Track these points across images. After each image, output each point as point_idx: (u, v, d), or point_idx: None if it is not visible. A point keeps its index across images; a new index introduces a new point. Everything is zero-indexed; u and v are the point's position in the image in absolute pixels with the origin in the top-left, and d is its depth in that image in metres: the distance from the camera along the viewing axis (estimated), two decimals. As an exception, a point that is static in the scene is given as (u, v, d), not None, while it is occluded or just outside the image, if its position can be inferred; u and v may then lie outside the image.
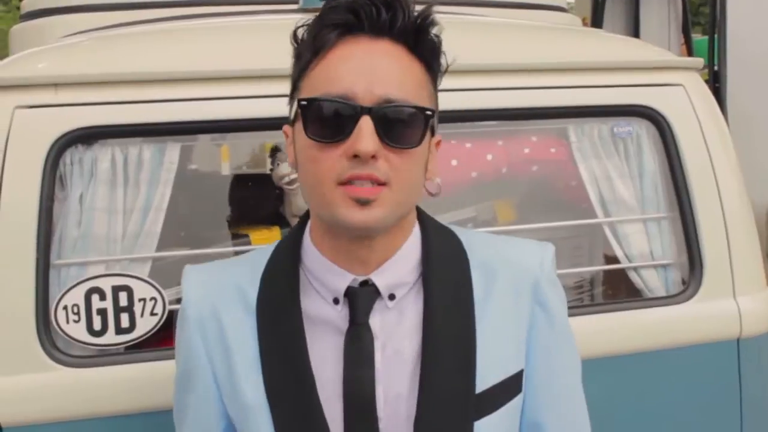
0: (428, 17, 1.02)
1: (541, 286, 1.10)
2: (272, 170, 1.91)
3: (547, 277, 1.11)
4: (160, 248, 1.52)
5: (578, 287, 1.94)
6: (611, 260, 1.84)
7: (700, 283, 1.73)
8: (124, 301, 1.46)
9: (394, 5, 0.99)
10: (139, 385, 1.44)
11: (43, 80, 1.45)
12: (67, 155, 1.46)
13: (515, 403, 1.08)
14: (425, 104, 1.01)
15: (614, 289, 1.93)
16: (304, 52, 1.03)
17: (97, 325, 1.45)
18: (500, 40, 1.82)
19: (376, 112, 0.96)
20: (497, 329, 1.07)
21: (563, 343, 1.13)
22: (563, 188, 1.88)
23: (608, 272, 1.93)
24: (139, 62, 1.53)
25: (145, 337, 1.48)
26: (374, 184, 0.97)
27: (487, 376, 1.05)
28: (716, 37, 3.43)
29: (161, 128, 1.50)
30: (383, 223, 0.99)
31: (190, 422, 1.12)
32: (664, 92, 1.77)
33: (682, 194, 1.75)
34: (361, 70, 0.98)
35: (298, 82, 1.04)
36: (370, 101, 0.97)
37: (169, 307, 1.49)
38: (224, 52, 1.59)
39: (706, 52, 3.47)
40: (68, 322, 1.44)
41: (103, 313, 1.45)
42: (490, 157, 1.81)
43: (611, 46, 1.96)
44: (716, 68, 3.42)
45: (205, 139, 1.82)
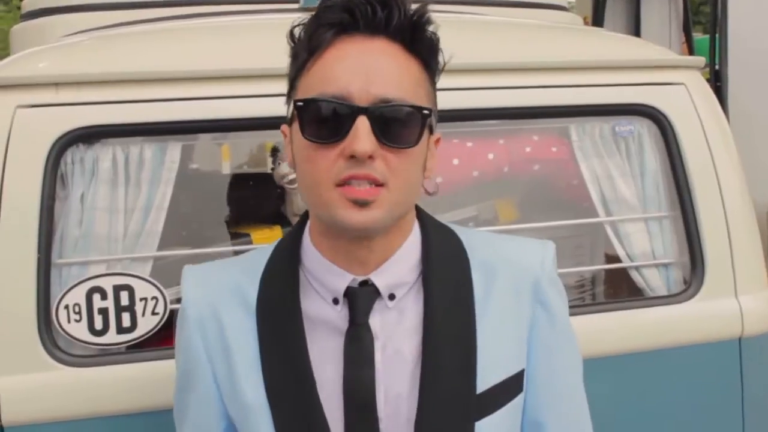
0: (424, 15, 1.01)
1: (541, 285, 1.10)
2: (273, 169, 1.91)
3: (548, 276, 1.11)
4: (161, 247, 1.52)
5: (579, 286, 1.94)
6: (612, 259, 1.84)
7: (701, 282, 1.73)
8: (125, 300, 1.46)
9: (389, 3, 0.98)
10: (140, 384, 1.43)
11: (44, 80, 1.45)
12: (68, 154, 1.46)
13: (516, 402, 1.08)
14: (423, 103, 1.00)
15: (615, 288, 1.93)
16: (300, 51, 1.02)
17: (98, 324, 1.45)
18: (501, 39, 1.81)
19: (372, 111, 0.95)
20: (498, 329, 1.07)
21: (564, 342, 1.13)
22: (565, 187, 1.88)
23: (609, 271, 1.93)
24: (139, 61, 1.53)
25: (146, 336, 1.48)
26: (372, 184, 0.96)
27: (487, 375, 1.05)
28: (717, 36, 3.43)
29: (162, 127, 1.50)
30: (382, 223, 0.99)
31: (190, 422, 1.12)
32: (665, 91, 1.77)
33: (683, 193, 1.75)
34: (356, 69, 0.97)
35: (294, 81, 1.04)
36: (366, 101, 0.96)
37: (170, 306, 1.48)
38: (225, 51, 1.59)
39: (707, 51, 3.46)
40: (69, 321, 1.44)
41: (104, 312, 1.45)
42: (491, 156, 1.80)
43: (612, 44, 1.96)
44: (717, 67, 3.41)
45: (205, 138, 1.82)
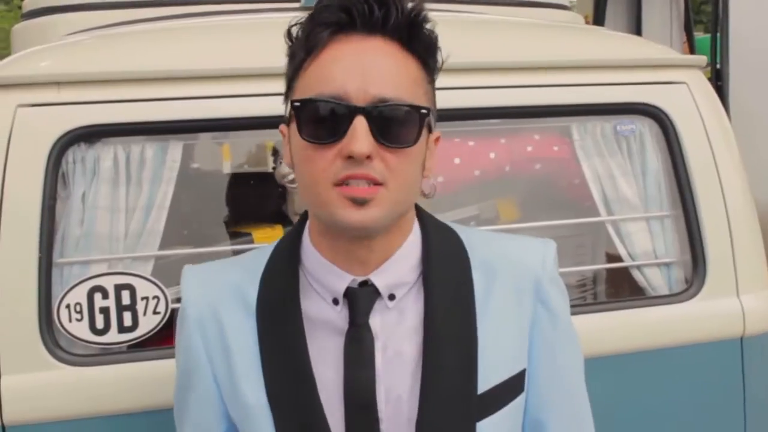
0: (421, 13, 1.00)
1: (543, 284, 1.09)
2: (275, 168, 1.91)
3: (549, 275, 1.10)
4: (162, 247, 1.52)
5: (581, 285, 1.94)
6: (614, 258, 1.84)
7: (703, 281, 1.73)
8: (126, 299, 1.46)
9: (386, 2, 0.98)
10: (141, 383, 1.43)
11: (45, 79, 1.45)
12: (69, 154, 1.46)
13: (518, 402, 1.08)
14: (421, 101, 1.00)
15: (617, 287, 1.93)
16: (297, 51, 1.02)
17: (99, 323, 1.45)
18: (503, 37, 1.81)
19: (370, 111, 0.95)
20: (499, 328, 1.06)
21: (566, 341, 1.12)
22: (566, 186, 1.88)
23: (611, 270, 1.93)
24: (141, 60, 1.52)
25: (147, 335, 1.48)
26: (370, 183, 0.95)
27: (489, 376, 1.04)
28: (718, 35, 3.42)
29: (164, 127, 1.50)
30: (381, 222, 0.98)
31: (190, 422, 1.12)
32: (667, 90, 1.76)
33: (685, 192, 1.74)
34: (353, 69, 0.96)
35: (292, 81, 1.03)
36: (363, 101, 0.95)
37: (171, 305, 1.48)
38: (226, 50, 1.59)
39: (708, 50, 3.46)
40: (71, 320, 1.44)
41: (105, 311, 1.45)
42: (492, 155, 1.80)
43: (614, 43, 1.96)
44: (718, 66, 3.41)
45: (206, 137, 1.82)
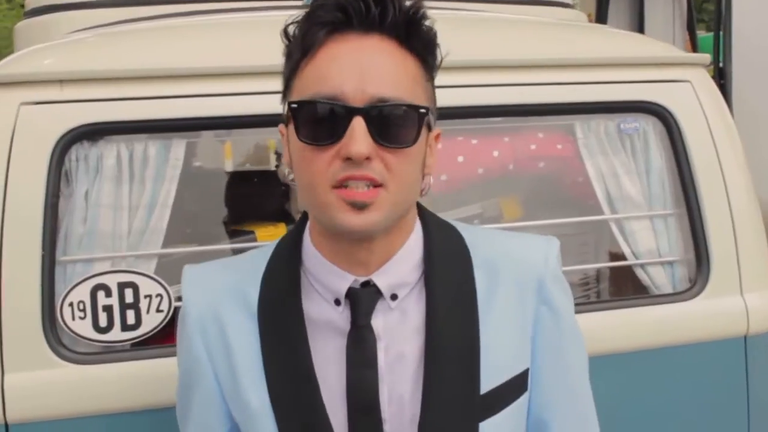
0: (419, 10, 0.99)
1: (545, 283, 1.08)
2: (277, 166, 1.91)
3: (552, 273, 1.09)
4: (165, 245, 1.52)
5: (584, 284, 1.94)
6: (618, 257, 1.83)
7: (707, 280, 1.73)
8: (129, 297, 1.46)
9: (383, 0, 0.96)
10: (144, 381, 1.43)
11: (48, 77, 1.45)
12: (72, 152, 1.46)
13: (521, 402, 1.07)
14: (420, 100, 0.99)
15: (621, 286, 1.93)
16: (294, 50, 1.00)
17: (102, 321, 1.45)
18: (506, 35, 1.81)
19: (368, 112, 0.93)
20: (501, 328, 1.06)
21: (570, 340, 1.11)
22: (569, 185, 1.88)
23: (615, 269, 1.93)
24: (144, 59, 1.52)
25: (150, 333, 1.48)
26: (370, 185, 0.94)
27: (491, 376, 1.04)
28: (721, 33, 3.42)
29: (166, 125, 1.50)
30: (382, 225, 0.97)
31: (193, 421, 1.12)
32: (670, 88, 1.76)
33: (689, 191, 1.74)
34: (351, 68, 0.95)
35: (289, 81, 1.02)
36: (361, 101, 0.94)
37: (174, 303, 1.48)
38: (229, 48, 1.59)
39: (710, 48, 3.45)
40: (74, 318, 1.44)
41: (108, 309, 1.45)
42: (496, 153, 1.80)
43: (618, 42, 1.96)
44: (721, 65, 3.40)
45: (209, 135, 1.81)
